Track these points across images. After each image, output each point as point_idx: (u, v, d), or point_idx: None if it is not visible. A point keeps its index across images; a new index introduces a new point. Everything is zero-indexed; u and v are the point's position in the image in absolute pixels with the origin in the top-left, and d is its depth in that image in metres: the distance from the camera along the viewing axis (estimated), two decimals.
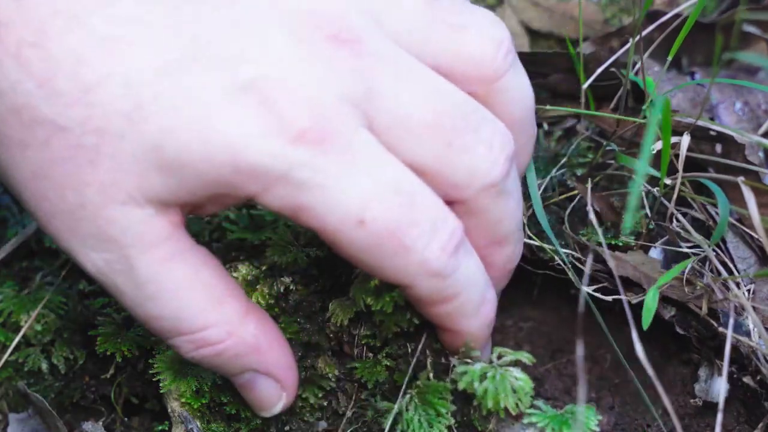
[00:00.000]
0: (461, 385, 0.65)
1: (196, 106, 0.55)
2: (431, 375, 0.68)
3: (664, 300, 0.73)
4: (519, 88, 0.66)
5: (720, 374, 0.72)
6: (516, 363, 0.65)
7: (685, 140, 0.72)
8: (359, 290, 0.67)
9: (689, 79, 0.87)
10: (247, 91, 0.55)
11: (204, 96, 0.55)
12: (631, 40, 0.77)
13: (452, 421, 0.66)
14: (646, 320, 0.70)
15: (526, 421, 0.66)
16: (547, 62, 0.85)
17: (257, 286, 0.72)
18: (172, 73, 0.55)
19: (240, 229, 0.83)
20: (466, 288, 0.62)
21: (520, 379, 0.64)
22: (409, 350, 0.70)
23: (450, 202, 0.61)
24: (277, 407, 0.67)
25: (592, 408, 0.67)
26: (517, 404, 0.64)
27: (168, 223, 0.59)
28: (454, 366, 0.67)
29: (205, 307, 0.61)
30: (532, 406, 0.66)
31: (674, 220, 0.76)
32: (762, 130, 0.84)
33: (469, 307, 0.63)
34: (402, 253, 0.59)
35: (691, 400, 0.74)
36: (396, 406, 0.67)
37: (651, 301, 0.70)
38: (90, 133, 0.55)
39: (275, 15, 0.57)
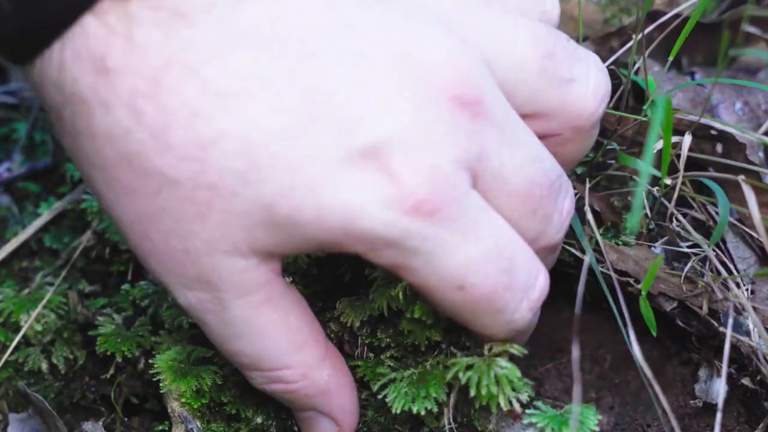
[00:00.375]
0: (448, 376, 0.64)
1: (313, 169, 0.54)
2: (438, 362, 0.68)
3: (664, 295, 0.73)
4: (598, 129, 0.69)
5: (720, 375, 0.72)
6: (504, 353, 0.65)
7: (687, 140, 0.72)
8: (382, 294, 0.67)
9: (689, 79, 0.87)
10: (366, 157, 0.54)
11: (322, 159, 0.54)
12: (633, 37, 0.77)
13: (434, 407, 0.65)
14: (651, 325, 0.70)
15: (526, 421, 0.66)
16: None
17: None
18: (289, 133, 0.54)
19: None
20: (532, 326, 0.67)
21: (505, 367, 0.64)
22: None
23: None
24: None
25: (592, 408, 0.67)
26: (508, 397, 0.63)
27: (268, 271, 0.59)
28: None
29: (287, 350, 0.62)
30: (533, 406, 0.66)
31: (674, 220, 0.76)
32: (762, 129, 0.83)
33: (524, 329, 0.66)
34: (494, 315, 0.61)
35: (692, 401, 0.74)
36: (394, 374, 0.67)
37: (645, 310, 0.70)
38: (202, 188, 0.55)
39: (399, 73, 0.56)
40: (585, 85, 0.65)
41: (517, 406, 0.64)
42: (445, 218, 0.56)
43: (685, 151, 0.72)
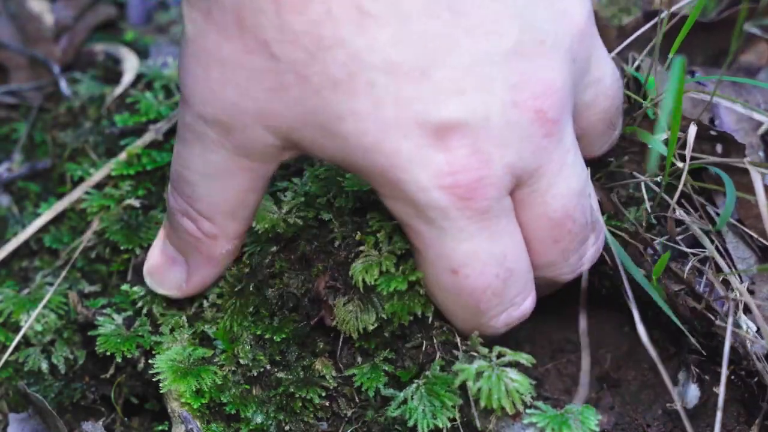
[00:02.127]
0: (456, 383, 0.65)
1: (393, 112, 0.57)
2: (439, 368, 0.68)
3: (675, 275, 0.73)
4: None
5: (695, 381, 0.73)
6: (515, 363, 0.65)
7: (692, 130, 0.72)
8: (360, 271, 0.67)
9: (687, 77, 0.87)
10: (441, 126, 0.57)
11: (405, 108, 0.57)
12: (639, 36, 0.77)
13: (457, 414, 0.66)
14: (663, 305, 0.70)
15: (526, 421, 0.66)
16: None
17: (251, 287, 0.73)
18: (394, 71, 0.56)
19: None
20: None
21: (515, 380, 0.64)
22: (416, 344, 0.70)
23: None
24: (172, 292, 0.75)
25: (592, 408, 0.67)
26: (513, 404, 0.64)
27: (278, 156, 0.63)
28: (457, 359, 0.67)
29: (224, 213, 0.67)
30: (533, 406, 0.66)
31: (674, 211, 0.76)
32: (762, 129, 0.83)
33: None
34: (472, 312, 0.64)
35: (668, 405, 0.74)
36: (402, 394, 0.67)
37: (658, 291, 0.70)
38: (292, 73, 0.57)
39: (509, 67, 0.58)
40: None
41: (521, 409, 0.64)
42: (472, 209, 0.59)
43: (691, 141, 0.72)
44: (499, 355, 0.65)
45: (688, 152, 0.72)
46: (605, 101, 0.67)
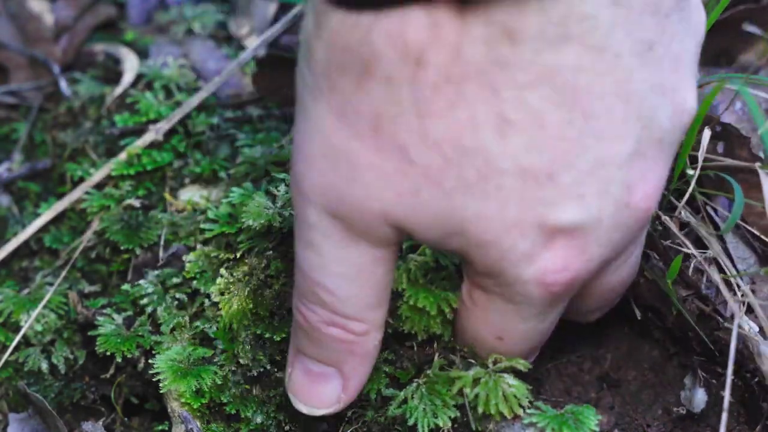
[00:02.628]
0: (454, 389, 0.65)
1: (516, 213, 0.57)
2: (440, 367, 0.68)
3: (683, 281, 0.73)
4: None
5: (702, 385, 0.72)
6: (511, 369, 0.65)
7: (707, 134, 0.72)
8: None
9: None
10: (556, 229, 0.57)
11: (528, 211, 0.57)
12: None
13: (458, 414, 0.66)
14: (675, 303, 0.70)
15: (526, 421, 0.66)
16: None
17: (249, 287, 0.73)
18: (522, 176, 0.56)
19: (219, 225, 0.82)
20: None
21: (513, 386, 0.65)
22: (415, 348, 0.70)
23: None
24: (332, 408, 0.68)
25: (592, 408, 0.67)
26: (511, 408, 0.64)
27: (399, 242, 0.62)
28: (455, 364, 0.67)
29: (371, 305, 0.63)
30: (532, 406, 0.66)
31: (681, 212, 0.76)
32: (762, 129, 0.83)
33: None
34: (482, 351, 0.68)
35: (674, 409, 0.74)
36: (402, 393, 0.67)
37: (671, 292, 0.70)
38: (430, 175, 0.56)
39: (625, 171, 0.58)
40: None
41: (519, 413, 0.64)
42: (555, 302, 0.62)
43: (704, 146, 0.72)
44: (496, 361, 0.66)
45: (701, 156, 0.72)
46: None
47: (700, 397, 0.72)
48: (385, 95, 0.54)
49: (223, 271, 0.74)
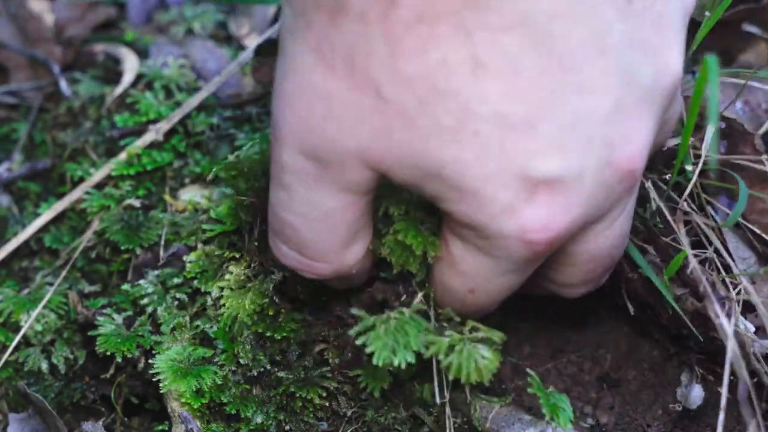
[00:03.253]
0: (428, 353, 0.64)
1: (496, 163, 0.56)
2: (417, 311, 0.66)
3: (679, 279, 0.73)
4: None
5: (699, 381, 0.72)
6: (487, 340, 0.65)
7: (710, 129, 0.72)
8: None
9: (690, 78, 0.87)
10: (538, 181, 0.57)
11: (508, 161, 0.56)
12: None
13: (414, 360, 0.63)
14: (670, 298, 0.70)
15: (527, 417, 0.66)
16: None
17: (249, 285, 0.73)
18: (502, 124, 0.56)
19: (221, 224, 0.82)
20: None
21: (486, 358, 0.64)
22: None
23: None
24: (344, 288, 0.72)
25: (565, 396, 0.67)
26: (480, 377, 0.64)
27: (376, 184, 0.61)
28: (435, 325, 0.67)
29: (335, 249, 0.64)
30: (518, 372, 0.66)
31: (682, 209, 0.76)
32: (762, 129, 0.83)
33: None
34: (453, 307, 0.68)
35: (671, 406, 0.74)
36: (372, 319, 0.65)
37: (665, 289, 0.70)
38: (397, 114, 0.56)
39: (605, 128, 0.58)
40: None
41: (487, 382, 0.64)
42: (536, 258, 0.60)
43: (708, 139, 0.72)
44: (473, 330, 0.65)
45: (704, 151, 0.72)
46: (667, 134, 0.68)
47: (696, 394, 0.72)
48: (359, 32, 0.55)
49: (232, 268, 0.74)
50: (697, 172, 0.72)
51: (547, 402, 0.67)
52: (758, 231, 0.76)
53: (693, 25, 0.74)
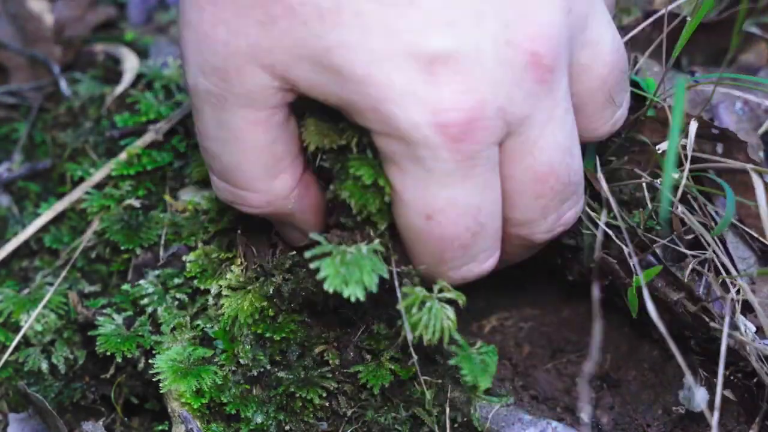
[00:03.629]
0: (403, 305, 0.64)
1: (383, 43, 0.56)
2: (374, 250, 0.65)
3: (672, 284, 0.73)
4: None
5: (703, 384, 0.72)
6: (453, 302, 0.65)
7: (693, 126, 0.72)
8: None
9: (691, 79, 0.87)
10: (433, 59, 0.56)
11: (397, 39, 0.56)
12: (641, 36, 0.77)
13: (363, 297, 0.62)
14: (634, 309, 0.70)
15: (528, 417, 0.66)
16: None
17: (249, 287, 0.73)
18: (382, 0, 0.56)
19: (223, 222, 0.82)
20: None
21: (450, 319, 0.64)
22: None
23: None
24: (302, 243, 0.72)
25: (494, 349, 0.68)
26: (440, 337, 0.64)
27: (281, 99, 0.61)
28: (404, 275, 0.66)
29: (260, 176, 0.64)
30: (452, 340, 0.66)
31: (678, 206, 0.76)
32: (762, 129, 0.83)
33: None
34: (434, 259, 0.64)
35: (674, 408, 0.74)
36: (330, 246, 0.63)
37: (632, 299, 0.70)
38: (280, 5, 0.57)
39: (498, 4, 0.58)
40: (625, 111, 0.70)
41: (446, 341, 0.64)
42: (462, 152, 0.58)
43: (692, 136, 0.72)
44: (441, 290, 0.65)
45: (689, 147, 0.72)
46: (603, 68, 0.66)
47: (700, 397, 0.72)
48: None
49: (234, 268, 0.74)
50: (684, 176, 0.72)
51: (470, 367, 0.66)
52: (755, 234, 0.76)
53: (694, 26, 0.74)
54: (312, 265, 0.62)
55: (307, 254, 0.63)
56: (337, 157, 0.66)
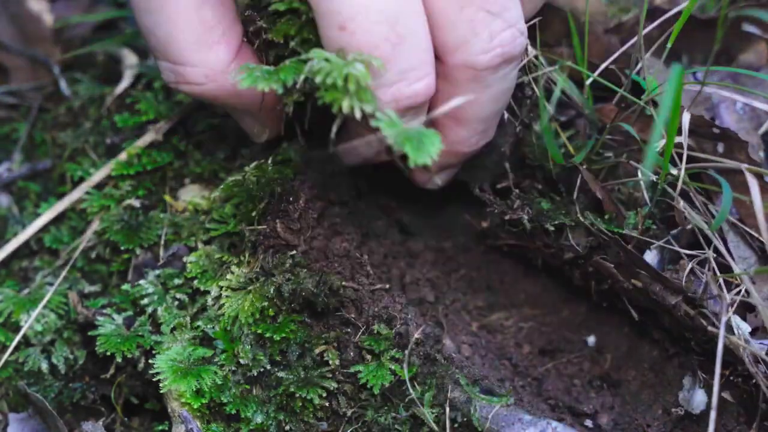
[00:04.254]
0: (305, 69, 0.60)
1: None
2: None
3: (669, 288, 0.73)
4: None
5: (702, 386, 0.72)
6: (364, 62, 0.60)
7: (686, 117, 0.72)
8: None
9: (690, 77, 0.87)
10: None
11: None
12: (638, 34, 0.77)
13: (281, 89, 0.61)
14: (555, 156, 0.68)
15: (528, 417, 0.66)
16: None
17: (250, 288, 0.73)
18: None
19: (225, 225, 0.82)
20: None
21: (360, 71, 0.59)
22: None
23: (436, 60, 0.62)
24: (262, 138, 0.72)
25: (436, 134, 0.60)
26: (352, 103, 0.59)
27: None
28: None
29: (192, 47, 0.64)
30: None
31: (679, 201, 0.75)
32: (763, 129, 0.83)
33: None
34: None
35: (673, 409, 0.74)
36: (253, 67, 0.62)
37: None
38: None
39: None
40: None
41: (357, 114, 0.59)
42: None
43: (685, 128, 0.71)
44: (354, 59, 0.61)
45: (684, 140, 0.72)
46: None
47: (699, 398, 0.72)
48: None
49: (234, 268, 0.74)
50: (681, 175, 0.71)
51: (406, 139, 0.59)
52: (755, 233, 0.76)
53: (694, 24, 0.74)
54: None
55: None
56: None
